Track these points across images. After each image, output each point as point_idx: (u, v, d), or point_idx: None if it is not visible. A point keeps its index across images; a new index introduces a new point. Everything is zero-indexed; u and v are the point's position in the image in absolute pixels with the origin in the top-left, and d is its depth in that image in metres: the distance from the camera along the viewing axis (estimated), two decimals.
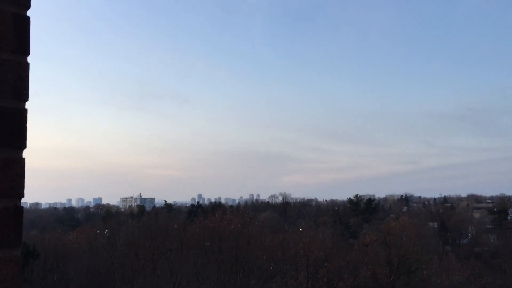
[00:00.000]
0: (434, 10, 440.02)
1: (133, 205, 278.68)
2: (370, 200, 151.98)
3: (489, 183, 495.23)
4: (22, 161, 2.01)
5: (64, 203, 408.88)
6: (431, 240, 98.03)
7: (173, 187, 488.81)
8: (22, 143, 2.00)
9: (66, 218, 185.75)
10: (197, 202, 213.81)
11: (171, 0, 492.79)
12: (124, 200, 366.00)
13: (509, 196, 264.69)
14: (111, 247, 60.05)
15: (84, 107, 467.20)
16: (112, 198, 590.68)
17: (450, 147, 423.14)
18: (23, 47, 2.03)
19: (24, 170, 2.01)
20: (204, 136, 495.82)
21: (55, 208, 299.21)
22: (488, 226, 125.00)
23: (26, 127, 2.03)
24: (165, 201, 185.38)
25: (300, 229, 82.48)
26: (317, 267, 50.23)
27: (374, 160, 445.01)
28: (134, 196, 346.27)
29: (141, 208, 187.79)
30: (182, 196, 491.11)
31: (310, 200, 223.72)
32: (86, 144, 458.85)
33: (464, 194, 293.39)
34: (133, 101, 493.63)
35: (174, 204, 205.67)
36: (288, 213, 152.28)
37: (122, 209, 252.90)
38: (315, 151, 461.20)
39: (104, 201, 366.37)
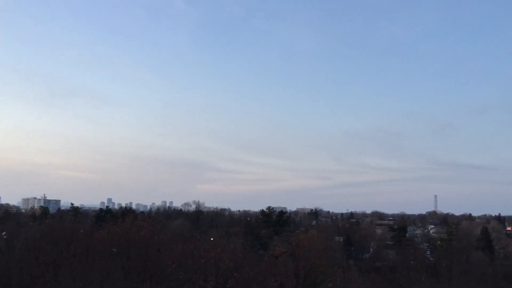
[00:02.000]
0: (356, 35, 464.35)
1: (36, 207, 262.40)
2: (282, 213, 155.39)
3: (392, 202, 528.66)
4: None
5: None
6: (336, 253, 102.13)
7: (81, 189, 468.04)
8: None
9: None
10: (107, 207, 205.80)
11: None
12: (26, 200, 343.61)
13: (408, 215, 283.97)
14: (9, 250, 56.07)
15: None
16: (12, 198, 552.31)
17: (359, 166, 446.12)
18: None
19: None
20: (120, 139, 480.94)
21: None
22: (389, 242, 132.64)
23: None
24: (72, 204, 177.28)
25: (212, 239, 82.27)
26: (226, 277, 50.21)
27: (289, 174, 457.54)
28: (38, 197, 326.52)
29: (44, 210, 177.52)
30: (91, 199, 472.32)
31: (223, 210, 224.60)
32: None
33: (369, 210, 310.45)
34: (45, 98, 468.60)
35: (81, 207, 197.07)
36: (201, 222, 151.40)
37: (23, 210, 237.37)
38: (232, 161, 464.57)
39: (3, 201, 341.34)
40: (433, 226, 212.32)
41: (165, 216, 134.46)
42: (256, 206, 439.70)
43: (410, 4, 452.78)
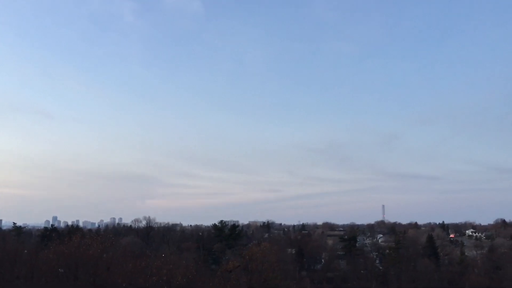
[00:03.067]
0: (304, 50, 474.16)
1: None
2: (234, 226, 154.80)
3: (342, 212, 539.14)
4: None
5: None
6: (289, 265, 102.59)
7: (24, 207, 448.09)
8: None
9: None
10: (52, 225, 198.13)
11: (39, 11, 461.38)
12: None
13: (358, 225, 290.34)
14: None
15: None
16: None
17: (310, 178, 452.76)
18: None
19: None
20: (67, 155, 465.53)
21: None
22: (340, 252, 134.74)
23: None
24: (14, 223, 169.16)
25: (163, 255, 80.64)
26: None
27: (240, 187, 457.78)
28: None
29: None
30: (35, 218, 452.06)
31: (174, 225, 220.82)
32: None
33: (320, 222, 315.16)
34: None
35: (24, 227, 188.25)
36: (152, 238, 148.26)
37: None
38: (182, 176, 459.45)
39: None
40: (381, 235, 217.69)
41: (114, 233, 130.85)
42: (208, 220, 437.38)
43: (355, 21, 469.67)
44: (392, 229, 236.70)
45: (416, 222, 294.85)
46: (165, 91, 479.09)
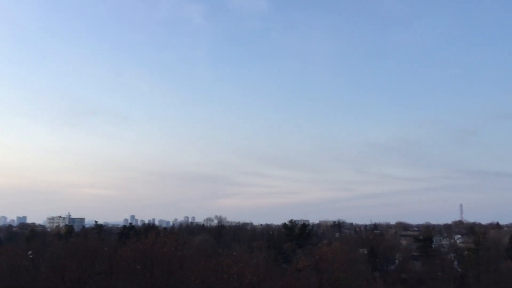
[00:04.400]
0: (371, 44, 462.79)
1: (60, 225, 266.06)
2: (304, 225, 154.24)
3: (416, 212, 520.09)
4: None
5: None
6: (361, 266, 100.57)
7: (105, 207, 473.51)
8: None
9: None
10: (130, 223, 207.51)
11: (112, 17, 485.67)
12: (51, 219, 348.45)
13: (433, 225, 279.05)
14: (35, 269, 56.75)
15: (12, 121, 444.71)
16: (38, 217, 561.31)
17: (382, 176, 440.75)
18: None
19: None
20: (141, 156, 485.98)
21: None
22: (414, 253, 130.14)
23: None
24: (96, 222, 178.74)
25: (234, 253, 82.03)
26: None
27: (310, 186, 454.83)
28: (63, 216, 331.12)
29: (69, 228, 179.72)
30: (114, 216, 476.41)
31: (245, 224, 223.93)
32: (12, 159, 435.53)
33: (393, 221, 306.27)
34: (67, 117, 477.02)
35: (105, 225, 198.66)
36: (223, 237, 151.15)
37: (49, 229, 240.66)
38: (253, 175, 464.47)
39: (29, 220, 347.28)
40: (459, 236, 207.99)
41: (187, 232, 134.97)
42: (278, 219, 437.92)
43: (427, 11, 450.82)
44: (471, 230, 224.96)
45: (497, 222, 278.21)
46: (234, 91, 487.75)
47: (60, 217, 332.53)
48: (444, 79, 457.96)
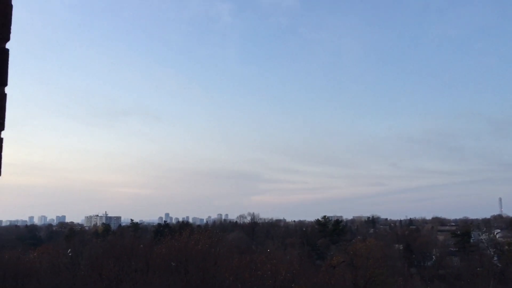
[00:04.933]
0: (403, 37, 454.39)
1: (98, 224, 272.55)
2: (338, 222, 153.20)
3: (453, 206, 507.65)
4: None
5: (26, 221, 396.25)
6: (396, 262, 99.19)
7: (140, 205, 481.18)
8: None
9: (28, 236, 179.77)
10: (165, 221, 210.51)
11: (142, 18, 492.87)
12: (89, 218, 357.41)
13: (471, 220, 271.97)
14: (74, 267, 58.42)
15: (49, 122, 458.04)
16: (76, 216, 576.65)
17: (416, 170, 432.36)
18: (1, 79, 2.08)
19: None
20: (174, 154, 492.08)
21: (16, 225, 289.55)
22: (452, 249, 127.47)
23: (1, 156, 2.06)
24: (132, 220, 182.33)
25: (268, 250, 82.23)
26: None
27: (342, 182, 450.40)
28: (100, 215, 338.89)
29: (106, 226, 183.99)
30: (149, 215, 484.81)
31: (278, 221, 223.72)
32: (51, 160, 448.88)
33: (428, 216, 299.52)
34: (102, 117, 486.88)
35: (140, 223, 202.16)
36: (256, 234, 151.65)
37: (87, 228, 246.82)
38: (284, 171, 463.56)
39: (68, 219, 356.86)
40: (499, 230, 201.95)
41: (221, 229, 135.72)
42: (311, 215, 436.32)
43: (460, 2, 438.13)
44: (511, 224, 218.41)
45: None
46: (264, 88, 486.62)
47: (97, 216, 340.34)
48: (481, 69, 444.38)
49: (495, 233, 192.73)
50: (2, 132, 2.09)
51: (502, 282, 75.52)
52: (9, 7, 1.88)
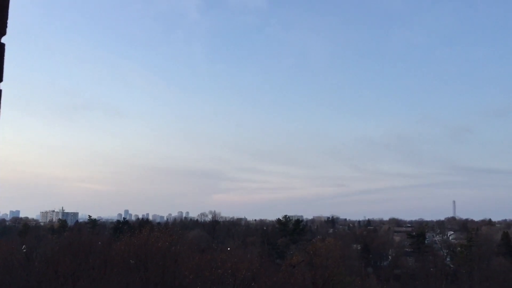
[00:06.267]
0: (369, 41, 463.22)
1: (54, 220, 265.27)
2: (298, 221, 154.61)
3: (409, 208, 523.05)
4: None
5: None
6: (354, 261, 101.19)
7: (98, 201, 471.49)
8: None
9: None
10: (124, 218, 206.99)
11: (107, 11, 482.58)
12: (44, 213, 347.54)
13: (426, 221, 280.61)
14: (28, 264, 56.66)
15: (7, 115, 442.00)
16: (31, 211, 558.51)
17: (375, 172, 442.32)
18: None
19: None
20: (135, 151, 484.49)
21: None
22: (407, 249, 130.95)
23: None
24: (90, 216, 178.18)
25: (229, 249, 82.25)
26: (244, 287, 50.14)
27: (304, 182, 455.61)
28: (56, 210, 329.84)
29: (62, 222, 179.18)
30: (108, 211, 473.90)
31: (239, 219, 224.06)
32: (6, 153, 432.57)
33: (386, 217, 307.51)
34: (61, 111, 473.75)
35: (99, 220, 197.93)
36: (217, 232, 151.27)
37: (42, 223, 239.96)
38: (247, 170, 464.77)
39: (22, 214, 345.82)
40: (452, 232, 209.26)
41: (181, 227, 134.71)
42: (272, 215, 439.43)
43: (423, 9, 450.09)
44: (463, 226, 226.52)
45: (490, 219, 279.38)
46: (229, 87, 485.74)
47: (53, 211, 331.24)
48: (439, 76, 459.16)
49: (449, 234, 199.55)
50: None
51: (454, 282, 78.23)
52: (6, 0, 1.86)
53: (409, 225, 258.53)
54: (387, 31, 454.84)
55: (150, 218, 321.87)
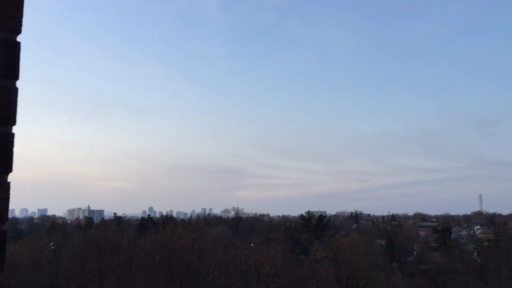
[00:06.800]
0: (390, 34, 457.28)
1: (80, 217, 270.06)
2: (321, 217, 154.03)
3: (434, 203, 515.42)
4: (7, 185, 2.02)
5: None
6: (378, 257, 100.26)
7: (123, 199, 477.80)
8: (8, 167, 2.01)
9: (8, 229, 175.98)
10: (148, 215, 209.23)
11: (128, 10, 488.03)
12: (71, 211, 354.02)
13: (452, 216, 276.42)
14: (56, 261, 57.81)
15: (31, 113, 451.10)
16: (58, 209, 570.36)
17: (399, 167, 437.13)
18: (12, 72, 2.06)
19: (9, 194, 2.01)
20: (158, 148, 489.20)
21: None
22: (433, 244, 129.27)
23: (12, 151, 2.04)
24: (115, 214, 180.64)
25: (252, 245, 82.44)
26: (267, 283, 50.24)
27: (327, 177, 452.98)
28: (82, 208, 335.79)
29: (89, 220, 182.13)
30: (133, 208, 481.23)
31: (262, 216, 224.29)
32: (32, 152, 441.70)
33: (411, 212, 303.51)
34: (86, 110, 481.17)
35: (124, 217, 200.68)
36: (240, 228, 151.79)
37: (69, 221, 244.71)
38: (269, 166, 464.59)
39: (49, 212, 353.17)
40: (479, 227, 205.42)
41: (205, 223, 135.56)
42: (295, 211, 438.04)
43: (446, 0, 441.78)
44: (491, 220, 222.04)
45: None
46: (250, 83, 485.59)
47: (79, 209, 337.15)
48: (463, 68, 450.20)
49: (475, 229, 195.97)
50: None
51: (481, 277, 76.75)
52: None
53: (434, 220, 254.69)
54: (407, 23, 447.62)
55: (174, 214, 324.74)
